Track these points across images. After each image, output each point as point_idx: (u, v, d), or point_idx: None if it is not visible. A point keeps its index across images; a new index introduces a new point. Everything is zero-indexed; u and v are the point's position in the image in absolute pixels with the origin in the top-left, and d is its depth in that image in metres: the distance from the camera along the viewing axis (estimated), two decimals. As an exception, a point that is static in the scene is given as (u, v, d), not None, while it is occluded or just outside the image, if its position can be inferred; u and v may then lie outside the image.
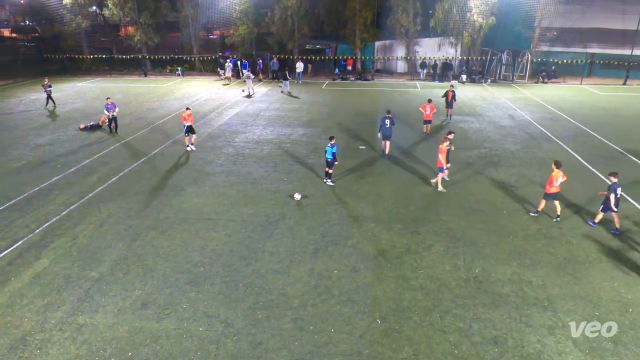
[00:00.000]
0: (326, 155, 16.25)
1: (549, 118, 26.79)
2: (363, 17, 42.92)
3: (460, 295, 10.39)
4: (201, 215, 14.33)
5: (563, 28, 40.51)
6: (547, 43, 41.97)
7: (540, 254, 12.09)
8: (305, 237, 12.96)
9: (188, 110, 20.56)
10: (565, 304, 10.07)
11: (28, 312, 9.89)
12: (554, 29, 40.90)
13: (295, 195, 15.47)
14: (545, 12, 39.82)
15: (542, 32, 41.35)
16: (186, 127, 20.41)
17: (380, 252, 12.22)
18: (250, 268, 11.49)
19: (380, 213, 14.49)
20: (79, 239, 12.88)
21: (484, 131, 23.87)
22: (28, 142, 22.18)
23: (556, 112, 28.23)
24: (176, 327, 9.43)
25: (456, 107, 29.64)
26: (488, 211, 14.63)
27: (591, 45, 41.12)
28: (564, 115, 27.48)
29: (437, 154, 16.27)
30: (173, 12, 45.84)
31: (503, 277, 11.07)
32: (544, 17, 40.19)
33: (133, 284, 10.85)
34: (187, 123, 20.32)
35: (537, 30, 41.34)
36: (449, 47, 43.52)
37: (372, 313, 9.83)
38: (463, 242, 12.69)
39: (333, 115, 27.86)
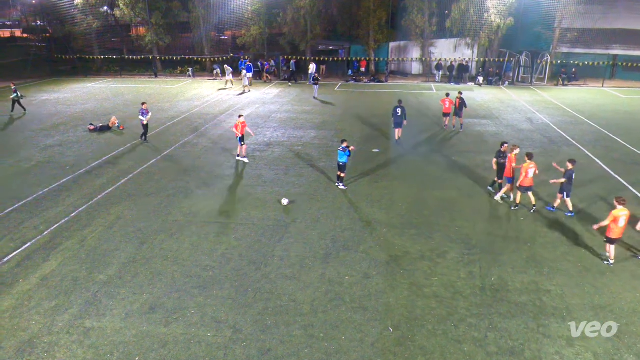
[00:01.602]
0: (339, 159, 16.23)
1: (569, 122, 26.51)
2: (377, 18, 42.90)
3: (476, 304, 10.30)
4: (211, 219, 14.41)
5: (584, 29, 40.04)
6: (568, 44, 41.54)
7: (559, 262, 11.94)
8: (316, 242, 12.96)
9: (241, 118, 19.17)
10: (585, 315, 9.93)
11: (36, 314, 10.01)
12: (574, 29, 40.47)
13: (282, 200, 15.39)
14: (565, 13, 39.45)
15: (563, 33, 40.96)
16: (239, 137, 19.18)
17: (393, 258, 12.17)
18: (259, 273, 11.51)
19: (393, 218, 14.44)
20: (88, 241, 13.02)
21: (501, 135, 23.68)
22: (38, 142, 22.51)
23: (577, 116, 27.92)
24: (184, 332, 9.48)
25: (472, 110, 29.52)
26: (505, 217, 14.50)
27: (614, 47, 40.60)
28: (584, 119, 27.17)
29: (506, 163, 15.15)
30: (184, 13, 46.26)
31: (520, 286, 10.95)
32: (564, 18, 39.81)
33: (141, 287, 10.93)
34: (239, 133, 19.02)
35: (557, 31, 40.96)
36: (465, 48, 43.31)
37: (384, 321, 9.78)
38: (479, 249, 12.59)
39: (346, 117, 27.87)
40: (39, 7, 49.85)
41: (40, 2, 48.64)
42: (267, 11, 44.40)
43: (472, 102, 31.86)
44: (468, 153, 20.69)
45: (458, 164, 19.34)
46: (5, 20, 72.90)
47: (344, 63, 46.20)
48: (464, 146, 21.85)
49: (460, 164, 19.32)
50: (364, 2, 42.91)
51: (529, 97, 34.01)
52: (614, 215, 11.51)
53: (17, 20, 71.77)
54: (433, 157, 20.18)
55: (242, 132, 19.13)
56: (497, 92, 36.28)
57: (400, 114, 21.60)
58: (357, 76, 43.72)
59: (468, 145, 22.05)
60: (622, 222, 11.50)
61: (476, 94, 35.20)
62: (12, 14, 73.70)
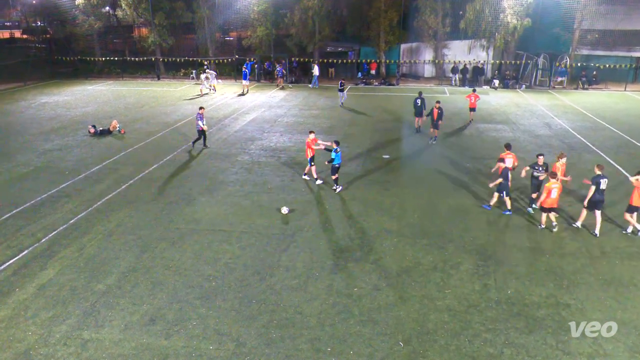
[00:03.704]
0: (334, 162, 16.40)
1: (590, 127, 26.35)
2: (388, 18, 43.01)
3: (491, 318, 10.22)
4: (214, 227, 14.44)
5: (605, 30, 39.92)
6: (588, 46, 41.41)
7: (579, 275, 11.83)
8: (323, 252, 12.94)
9: (312, 135, 17.66)
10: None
11: (32, 325, 10.05)
12: (595, 31, 40.36)
13: (282, 209, 15.38)
14: (585, 13, 39.35)
15: (582, 35, 40.85)
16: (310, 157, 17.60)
17: (404, 269, 12.12)
18: (264, 283, 11.50)
19: (404, 227, 14.39)
20: (86, 249, 13.09)
21: (517, 140, 23.59)
22: (36, 147, 22.72)
23: (597, 121, 27.75)
24: (185, 344, 9.47)
25: (487, 114, 29.52)
26: (522, 227, 14.40)
27: (637, 49, 40.41)
28: (605, 124, 27.00)
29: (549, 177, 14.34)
30: (188, 13, 46.63)
31: (538, 299, 10.85)
32: (585, 18, 39.71)
33: (141, 297, 10.96)
34: (312, 152, 17.47)
35: (576, 32, 40.85)
36: (480, 50, 43.30)
37: (394, 335, 9.72)
38: (494, 260, 12.50)
39: (355, 122, 27.90)
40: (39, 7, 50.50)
41: (41, 2, 49.29)
42: (274, 11, 44.68)
43: (488, 106, 31.84)
44: (482, 159, 20.62)
45: (472, 170, 19.28)
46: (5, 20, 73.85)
47: (354, 65, 46.32)
48: (478, 152, 21.80)
49: (475, 170, 19.26)
50: (375, 2, 43.04)
51: (547, 101, 33.89)
52: (547, 187, 13.57)
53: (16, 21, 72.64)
54: (446, 164, 20.13)
55: (313, 152, 17.44)
56: (513, 96, 36.18)
57: (420, 104, 24.74)
58: (367, 79, 43.81)
59: (483, 151, 21.99)
60: (555, 194, 13.61)
61: (492, 98, 35.13)
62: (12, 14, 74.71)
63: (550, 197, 13.50)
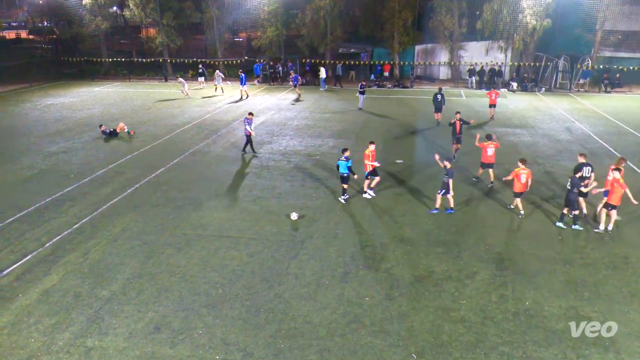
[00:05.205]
0: (340, 170, 16.23)
1: (612, 132, 26.10)
2: (402, 19, 43.00)
3: (508, 330, 10.13)
4: (221, 232, 14.49)
5: (629, 31, 39.59)
6: (611, 48, 41.08)
7: (601, 286, 11.69)
8: (334, 260, 12.92)
9: (372, 146, 16.94)
10: (631, 345, 9.67)
11: (35, 331, 10.14)
12: (618, 32, 40.04)
13: (292, 214, 15.37)
14: (608, 13, 39.05)
15: (605, 36, 40.53)
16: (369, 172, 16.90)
17: (417, 278, 12.06)
18: (272, 292, 11.51)
19: (417, 234, 14.34)
20: (91, 255, 13.19)
21: (536, 145, 23.43)
22: (41, 149, 22.99)
23: (621, 126, 27.48)
24: (191, 354, 9.50)
25: (505, 118, 29.37)
26: (540, 235, 14.28)
27: (663, 51, 40.07)
28: (629, 129, 26.73)
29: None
30: (197, 13, 47.02)
31: (557, 311, 10.73)
32: (607, 19, 39.41)
33: (146, 305, 11.01)
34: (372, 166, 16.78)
35: (598, 33, 40.56)
36: (497, 51, 43.12)
37: (407, 347, 9.67)
38: (511, 270, 12.40)
39: (367, 125, 27.89)
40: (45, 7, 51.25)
41: (47, 2, 50.01)
42: (285, 11, 44.94)
43: (505, 110, 31.69)
44: (500, 165, 20.45)
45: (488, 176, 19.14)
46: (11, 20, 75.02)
47: (366, 67, 46.36)
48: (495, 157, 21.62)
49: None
50: (389, 3, 43.07)
51: (568, 105, 33.64)
52: (516, 172, 15.16)
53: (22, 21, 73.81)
54: (461, 169, 20.02)
55: (373, 166, 16.81)
56: (532, 99, 35.97)
57: (440, 99, 27.21)
58: (380, 81, 43.81)
59: (500, 156, 21.75)
60: (523, 179, 15.06)
61: (509, 101, 34.96)
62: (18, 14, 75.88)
63: (520, 182, 15.11)
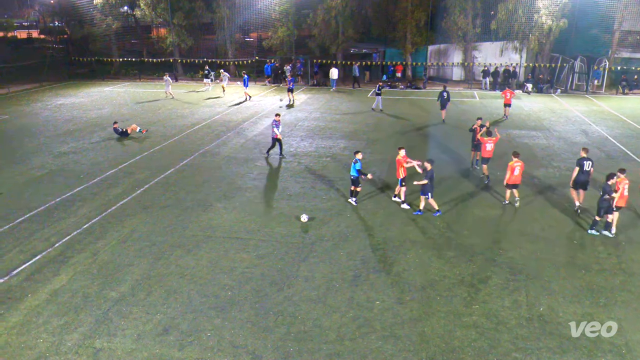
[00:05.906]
0: (350, 172, 16.24)
1: (630, 135, 25.84)
2: (415, 19, 42.91)
3: (522, 337, 10.05)
4: (231, 234, 14.54)
5: (648, 31, 39.18)
6: (629, 49, 40.63)
7: (618, 293, 11.57)
8: (344, 263, 12.91)
9: (402, 151, 16.28)
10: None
11: (44, 332, 10.24)
12: (637, 32, 39.62)
13: (302, 216, 15.36)
14: (626, 14, 38.66)
15: (623, 36, 40.12)
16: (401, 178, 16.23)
17: (429, 282, 12.02)
18: (282, 294, 11.52)
19: (429, 238, 14.29)
20: (100, 255, 13.30)
21: (552, 148, 23.25)
22: (51, 149, 23.23)
23: (639, 128, 27.19)
24: (199, 356, 9.53)
25: (520, 120, 29.20)
26: (555, 240, 14.17)
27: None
28: (648, 131, 26.47)
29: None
30: (208, 13, 47.28)
31: (573, 318, 10.64)
32: (625, 19, 39.01)
33: (155, 306, 11.08)
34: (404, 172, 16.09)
35: (616, 34, 40.15)
36: (512, 52, 42.83)
37: (418, 352, 9.63)
38: (525, 275, 12.32)
39: (379, 127, 27.86)
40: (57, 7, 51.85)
41: (59, 2, 50.58)
42: (296, 11, 45.00)
43: (520, 111, 31.50)
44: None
45: (502, 179, 19.00)
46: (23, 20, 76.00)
47: (378, 68, 46.27)
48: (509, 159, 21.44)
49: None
50: (401, 2, 43.03)
51: (584, 107, 33.35)
52: (510, 166, 15.79)
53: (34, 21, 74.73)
54: (474, 172, 19.93)
55: (405, 172, 16.15)
56: (547, 101, 35.71)
57: (446, 97, 28.25)
58: (392, 82, 43.72)
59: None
60: (517, 171, 15.78)
61: (524, 103, 34.74)
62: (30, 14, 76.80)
63: (514, 174, 15.76)
